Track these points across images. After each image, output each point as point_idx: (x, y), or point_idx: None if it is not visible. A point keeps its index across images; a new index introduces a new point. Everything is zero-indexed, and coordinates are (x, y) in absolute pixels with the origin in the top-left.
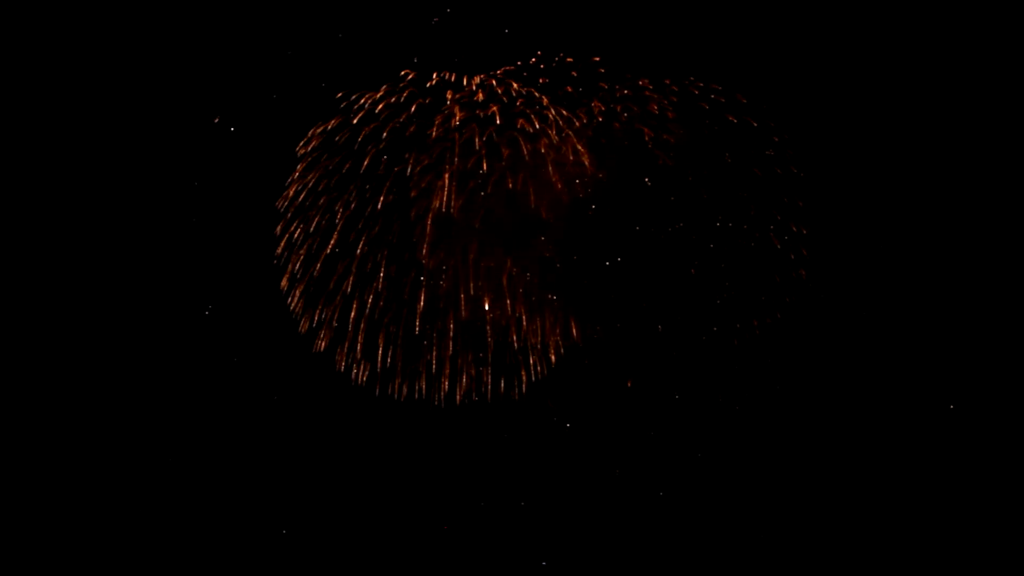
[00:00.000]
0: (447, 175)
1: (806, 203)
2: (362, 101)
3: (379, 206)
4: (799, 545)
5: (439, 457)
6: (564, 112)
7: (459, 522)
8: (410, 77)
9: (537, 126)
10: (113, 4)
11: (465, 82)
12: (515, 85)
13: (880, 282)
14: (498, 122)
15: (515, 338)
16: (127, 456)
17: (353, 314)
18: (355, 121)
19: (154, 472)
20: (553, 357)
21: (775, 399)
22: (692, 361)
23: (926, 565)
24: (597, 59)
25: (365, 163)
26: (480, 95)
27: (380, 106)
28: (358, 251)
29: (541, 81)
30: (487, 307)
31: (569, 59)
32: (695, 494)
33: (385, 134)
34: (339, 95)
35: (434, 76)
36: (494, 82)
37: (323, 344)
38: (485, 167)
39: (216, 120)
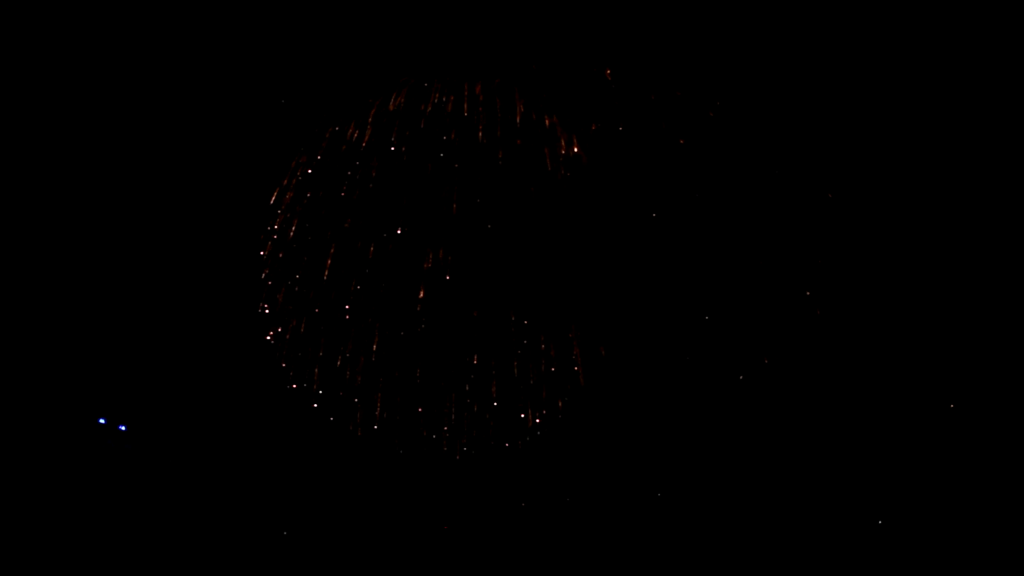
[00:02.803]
0: (444, 206)
1: (820, 233)
2: (349, 132)
3: (370, 245)
4: (802, 546)
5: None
6: (567, 121)
7: (458, 523)
8: (409, 84)
9: (540, 141)
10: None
11: (466, 108)
12: (516, 96)
13: (878, 284)
14: (498, 138)
15: (519, 378)
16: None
17: (347, 362)
18: (342, 150)
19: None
20: (560, 404)
21: (775, 398)
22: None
23: (927, 565)
24: (604, 69)
25: (354, 197)
26: (479, 109)
27: (368, 131)
28: (350, 296)
29: (543, 93)
30: (490, 347)
31: (572, 68)
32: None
33: (375, 163)
34: (320, 127)
35: (435, 85)
36: (494, 93)
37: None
38: (485, 200)
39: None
